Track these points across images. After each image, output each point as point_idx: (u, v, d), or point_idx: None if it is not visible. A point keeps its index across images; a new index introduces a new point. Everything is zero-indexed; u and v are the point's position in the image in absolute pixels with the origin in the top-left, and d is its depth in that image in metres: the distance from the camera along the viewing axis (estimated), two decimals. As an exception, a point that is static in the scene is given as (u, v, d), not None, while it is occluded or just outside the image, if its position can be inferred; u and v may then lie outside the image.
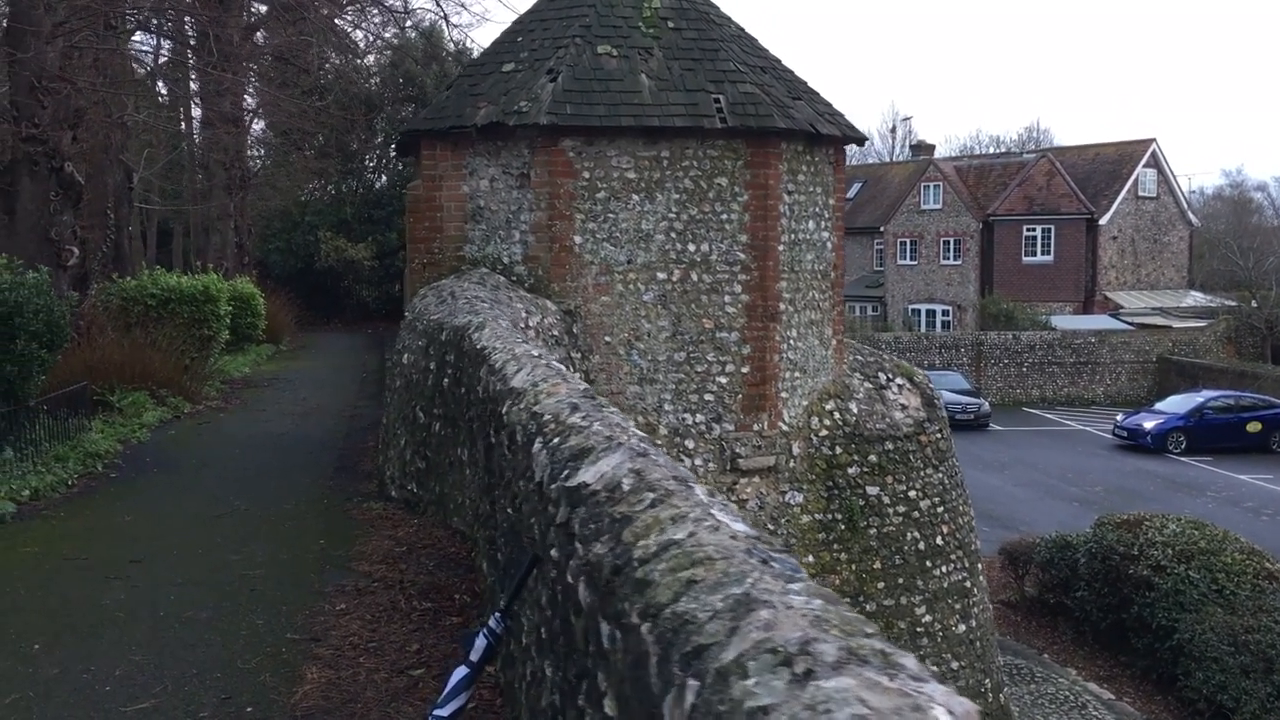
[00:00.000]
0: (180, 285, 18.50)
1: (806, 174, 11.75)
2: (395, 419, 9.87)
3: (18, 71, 14.71)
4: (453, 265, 11.39)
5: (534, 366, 5.12)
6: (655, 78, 11.27)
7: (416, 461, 9.22)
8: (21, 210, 15.07)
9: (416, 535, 8.27)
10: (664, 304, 11.27)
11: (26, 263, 12.64)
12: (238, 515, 9.29)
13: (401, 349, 10.11)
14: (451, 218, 11.38)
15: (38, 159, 14.95)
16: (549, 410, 3.88)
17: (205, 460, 11.93)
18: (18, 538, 8.55)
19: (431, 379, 8.97)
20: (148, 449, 12.64)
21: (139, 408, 14.38)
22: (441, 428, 8.68)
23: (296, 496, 10.05)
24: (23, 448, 10.42)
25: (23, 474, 10.01)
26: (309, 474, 11.15)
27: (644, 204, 11.13)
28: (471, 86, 11.52)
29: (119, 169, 22.26)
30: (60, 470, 10.55)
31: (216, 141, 27.50)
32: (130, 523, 9.04)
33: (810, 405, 12.00)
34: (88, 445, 11.54)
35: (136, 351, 15.75)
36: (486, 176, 11.29)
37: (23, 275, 10.79)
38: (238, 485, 10.57)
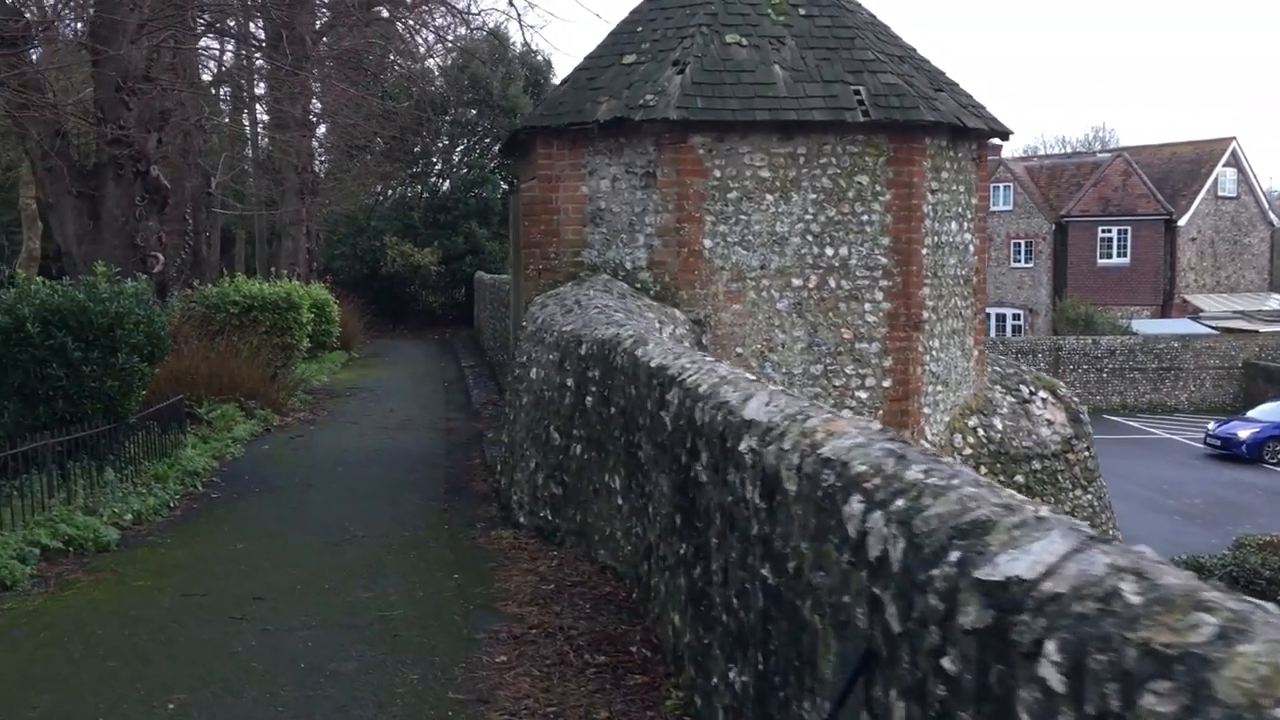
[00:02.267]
0: (263, 292, 17.94)
1: (950, 171, 10.87)
2: (523, 438, 9.13)
3: (102, 72, 14.19)
4: (570, 272, 10.64)
5: (770, 394, 4.32)
6: (789, 68, 10.45)
7: (550, 486, 8.46)
8: (107, 215, 14.56)
9: (561, 570, 7.49)
10: (800, 313, 10.44)
11: (113, 270, 12.08)
12: (357, 543, 8.58)
13: (527, 362, 9.36)
14: (569, 220, 10.63)
15: (123, 162, 14.43)
16: (865, 461, 3.08)
17: (307, 478, 11.26)
18: (127, 569, 7.89)
19: (569, 397, 8.21)
20: (244, 465, 12.01)
21: (228, 421, 13.79)
22: (583, 451, 7.91)
23: (414, 521, 9.33)
24: (122, 467, 9.79)
25: (124, 496, 9.38)
26: (420, 494, 10.44)
27: (778, 205, 10.32)
28: (590, 80, 10.76)
29: (197, 173, 21.82)
30: (161, 491, 9.92)
31: (289, 145, 27.04)
32: (243, 552, 8.36)
33: (952, 421, 11.12)
34: (185, 463, 10.92)
35: (223, 362, 15.18)
36: (607, 176, 10.53)
37: (121, 284, 10.18)
38: (348, 507, 9.88)
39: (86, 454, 9.29)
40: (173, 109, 17.03)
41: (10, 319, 9.15)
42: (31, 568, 7.71)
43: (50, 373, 9.27)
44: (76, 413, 9.45)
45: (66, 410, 9.41)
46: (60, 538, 8.18)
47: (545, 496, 8.54)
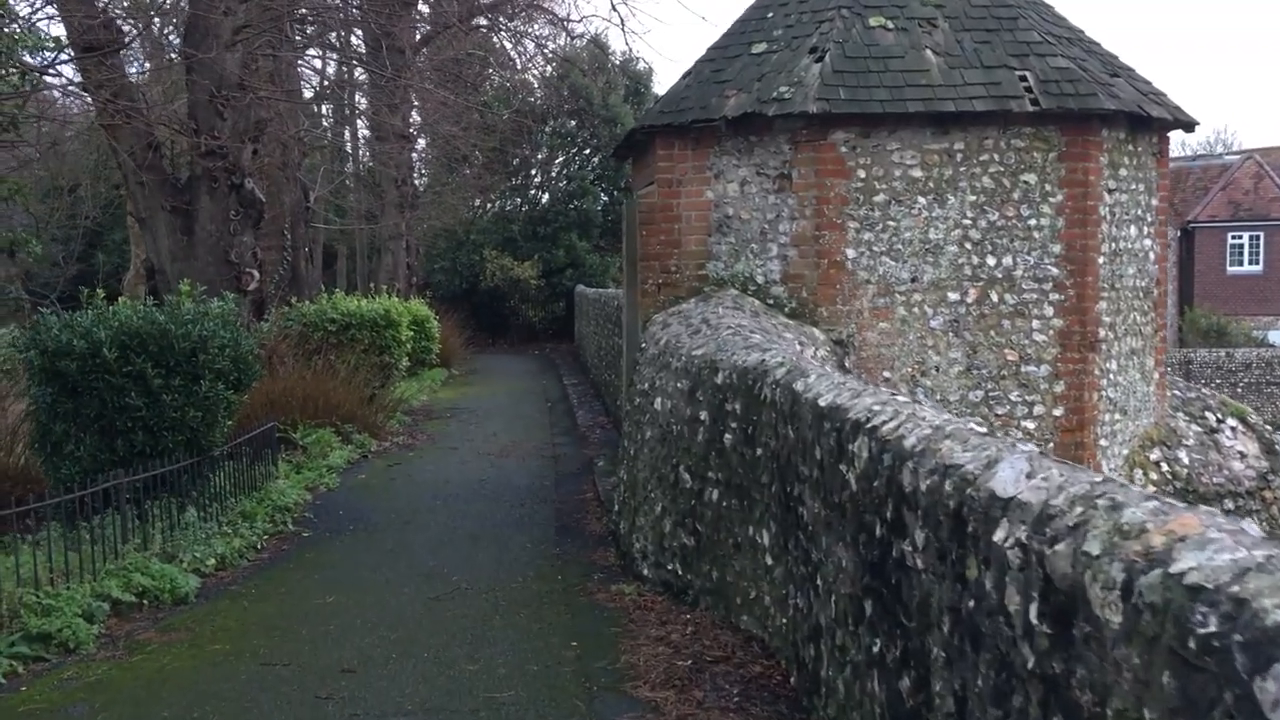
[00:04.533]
0: (361, 309, 17.21)
1: (1129, 168, 9.48)
2: (646, 477, 8.01)
3: (196, 79, 13.53)
4: (693, 286, 9.52)
5: (1028, 458, 3.14)
6: (943, 53, 9.19)
7: (680, 535, 7.33)
8: (200, 231, 13.89)
9: (698, 640, 6.35)
10: (956, 331, 9.15)
11: (206, 288, 11.33)
12: (460, 598, 7.55)
13: (649, 390, 8.25)
14: (692, 229, 9.51)
15: (217, 174, 13.75)
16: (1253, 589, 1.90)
17: (405, 515, 10.31)
18: (203, 628, 6.97)
19: (703, 433, 7.07)
20: (339, 498, 11.12)
21: (324, 446, 12.97)
22: (721, 497, 6.76)
23: (522, 569, 8.28)
24: (206, 504, 8.94)
25: (207, 537, 8.51)
26: (527, 535, 9.41)
27: (932, 208, 9.05)
28: (715, 73, 9.64)
29: (296, 186, 21.28)
30: (248, 531, 9.05)
31: (388, 157, 26.49)
32: (334, 607, 7.38)
33: (1132, 455, 9.70)
34: (275, 497, 10.06)
35: (319, 383, 14.41)
36: (736, 179, 9.39)
37: (206, 304, 9.36)
38: (449, 551, 8.88)
39: (167, 491, 8.45)
40: (269, 119, 16.39)
41: (86, 344, 8.36)
42: (99, 626, 6.85)
43: (129, 402, 8.45)
44: (157, 446, 8.62)
45: (146, 443, 8.59)
46: (133, 589, 7.31)
47: (674, 547, 7.41)
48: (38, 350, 8.46)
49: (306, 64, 26.61)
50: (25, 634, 6.41)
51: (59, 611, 6.62)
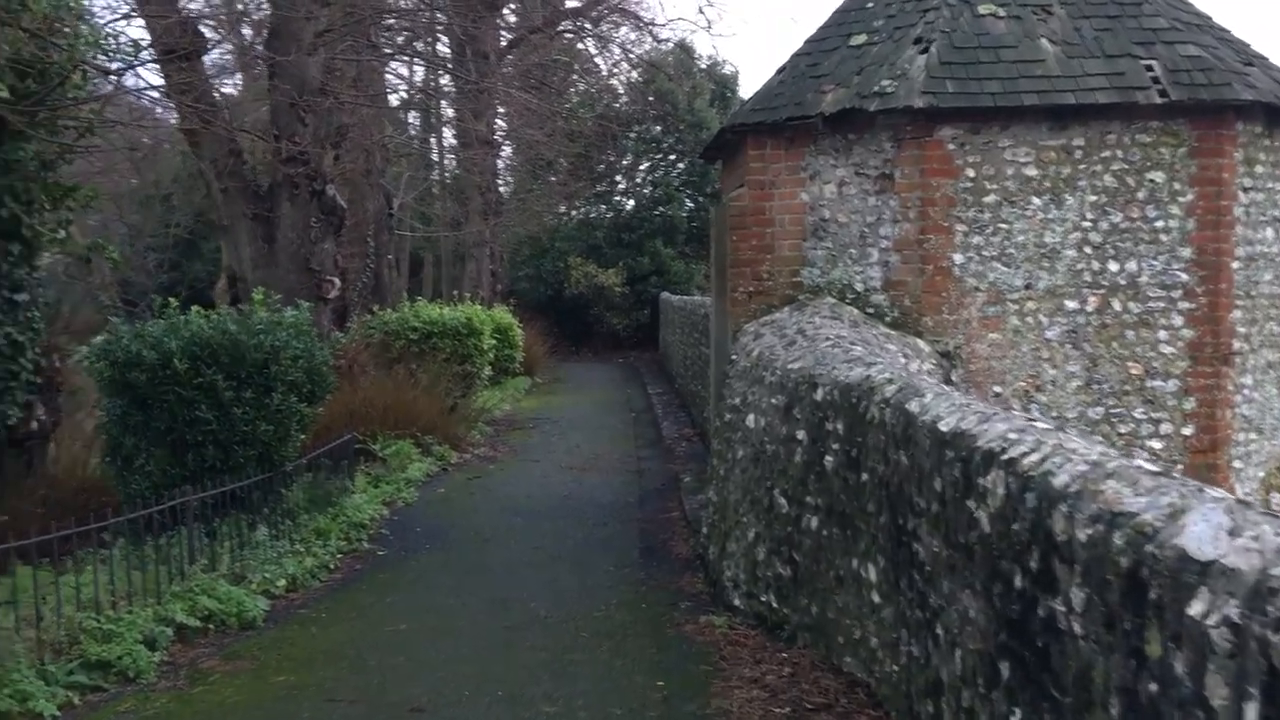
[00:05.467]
0: (443, 317, 16.93)
1: (1265, 164, 8.67)
2: (738, 500, 7.46)
3: (278, 84, 13.35)
4: (786, 294, 8.94)
5: (1226, 508, 2.55)
6: (1060, 42, 8.49)
7: (775, 564, 6.77)
8: (282, 238, 13.71)
9: (796, 683, 5.78)
10: (1074, 342, 8.43)
11: (285, 296, 11.08)
12: (538, 627, 7.08)
13: (740, 405, 7.70)
14: (786, 234, 8.94)
15: (298, 181, 13.56)
16: None
17: (483, 533, 9.89)
18: (269, 656, 6.60)
19: (800, 454, 6.50)
20: (416, 514, 10.76)
21: (404, 459, 12.65)
22: (821, 525, 6.19)
23: (606, 595, 7.79)
24: (278, 521, 8.62)
25: (278, 556, 8.17)
26: (610, 558, 8.91)
27: (1048, 209, 8.36)
28: (811, 67, 9.06)
29: (379, 193, 21.14)
30: (321, 550, 8.70)
31: (473, 164, 26.32)
32: (406, 636, 6.96)
33: (1268, 477, 8.87)
34: (351, 513, 9.71)
35: (400, 393, 14.12)
36: (833, 180, 8.80)
37: (280, 313, 9.05)
38: (528, 574, 8.43)
39: (237, 508, 8.13)
40: (351, 125, 16.21)
41: (156, 354, 8.09)
42: (162, 653, 6.51)
43: (199, 415, 8.16)
44: (228, 461, 8.32)
45: (217, 458, 8.29)
46: (198, 613, 6.98)
47: (768, 577, 6.84)
48: (108, 361, 8.22)
49: (393, 72, 26.63)
50: (84, 661, 6.10)
51: (120, 637, 6.30)
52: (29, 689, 5.59)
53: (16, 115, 7.73)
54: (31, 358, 9.41)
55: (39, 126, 8.50)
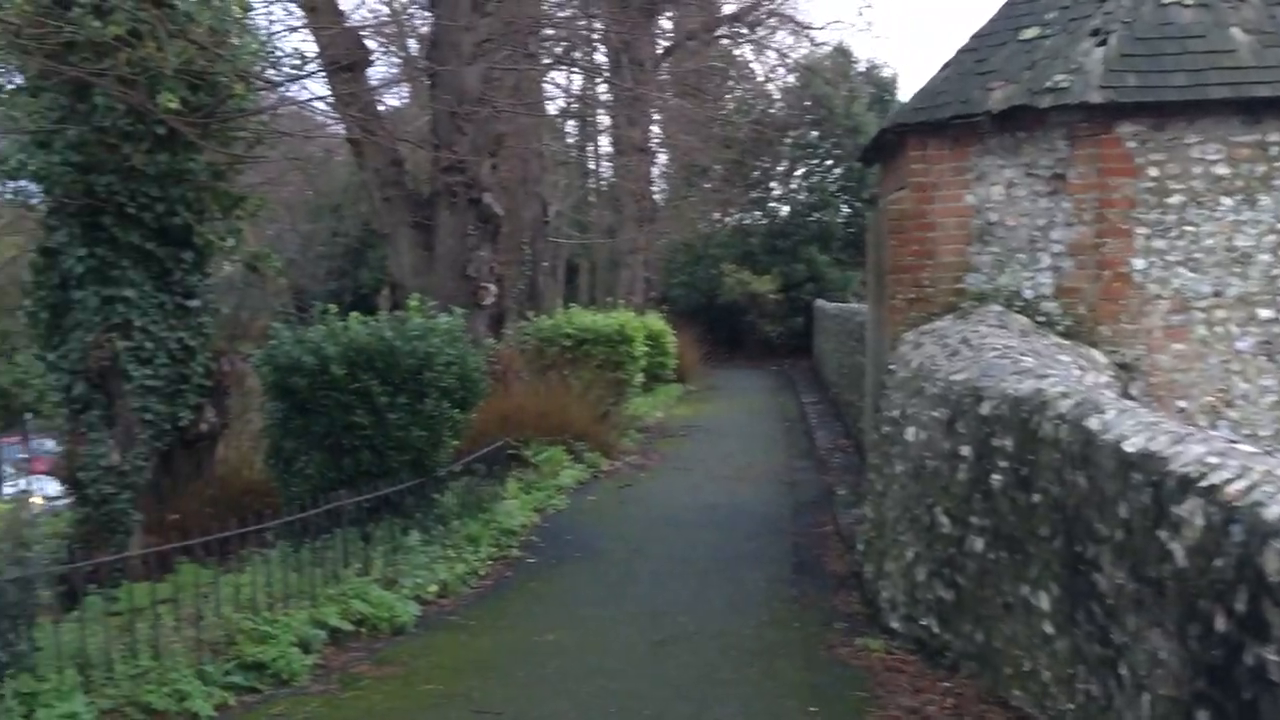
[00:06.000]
0: (596, 324, 16.95)
1: None
2: (896, 517, 7.12)
3: (438, 94, 13.58)
4: (949, 302, 8.53)
5: None
6: (1254, 31, 7.86)
7: (937, 587, 6.41)
8: (440, 245, 13.93)
9: (958, 715, 5.44)
10: (1269, 354, 7.77)
11: (443, 302, 11.20)
12: (687, 642, 6.88)
13: (899, 418, 7.36)
14: (949, 238, 8.53)
15: (456, 189, 13.75)
16: None
17: (633, 543, 9.77)
18: (418, 663, 6.59)
19: (964, 471, 6.14)
20: (566, 521, 10.73)
21: (555, 465, 12.66)
22: (988, 548, 5.81)
23: (756, 612, 7.54)
24: (430, 526, 8.67)
25: (430, 561, 8.21)
26: (761, 572, 8.66)
27: (1240, 211, 7.73)
28: (978, 63, 8.64)
29: (536, 201, 21.38)
30: (472, 556, 8.72)
31: (628, 171, 26.41)
32: (554, 646, 6.87)
33: None
34: (503, 519, 9.74)
35: (553, 399, 14.17)
36: (1000, 181, 8.35)
37: (434, 319, 9.12)
38: (677, 586, 8.25)
39: (390, 512, 8.21)
40: (509, 134, 16.39)
41: (316, 360, 8.24)
42: (315, 656, 6.57)
43: (355, 420, 8.27)
44: (382, 465, 8.41)
45: (372, 463, 8.39)
46: (351, 617, 7.05)
47: (928, 600, 6.49)
48: (271, 366, 8.42)
49: (551, 81, 26.97)
50: (240, 662, 6.20)
51: (275, 639, 6.39)
52: (187, 688, 5.69)
53: (188, 126, 7.98)
54: (202, 361, 9.73)
55: (210, 137, 8.78)
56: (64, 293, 9.08)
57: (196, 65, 7.61)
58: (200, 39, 7.49)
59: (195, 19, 7.40)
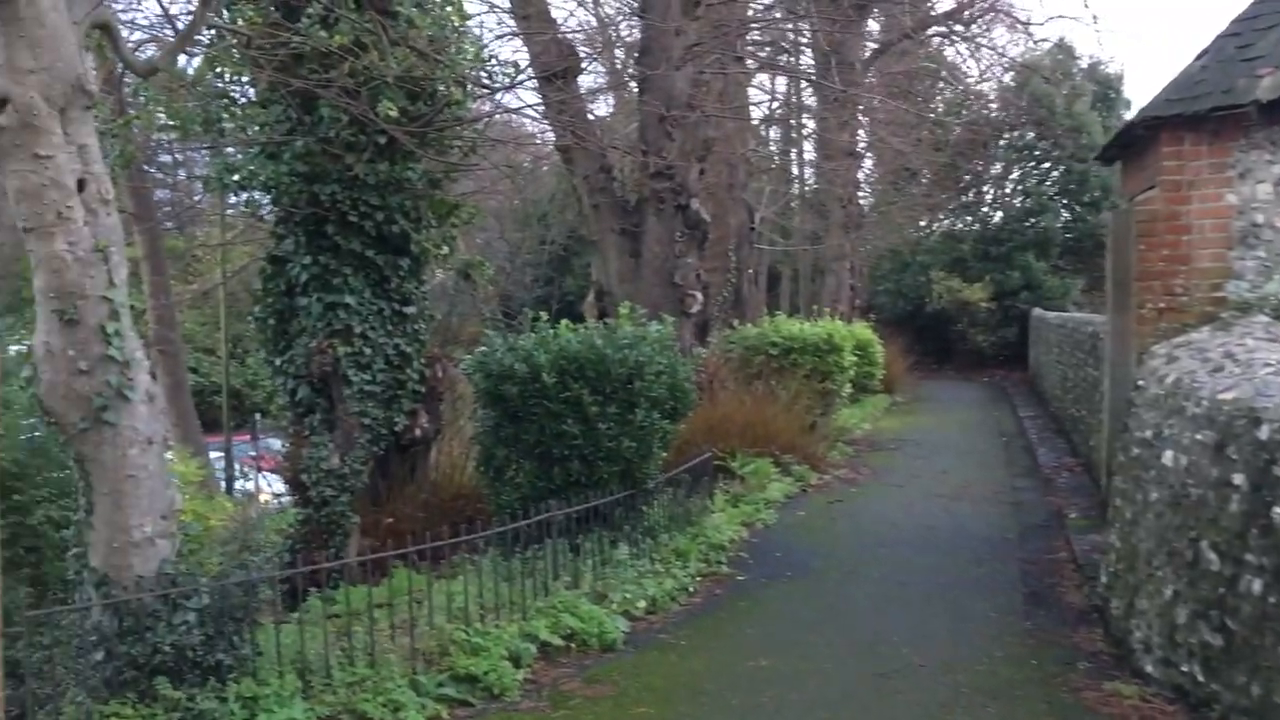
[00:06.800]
0: (803, 333, 16.50)
1: None
2: (1151, 549, 6.45)
3: (647, 100, 13.47)
4: (1205, 311, 7.76)
5: None
6: None
7: (1202, 630, 5.73)
8: (647, 252, 13.81)
9: (1235, 780, 4.79)
10: None
11: (650, 310, 11.04)
12: (911, 677, 6.42)
13: (1153, 439, 6.67)
14: (1206, 242, 7.76)
15: (664, 196, 13.60)
16: None
17: (846, 563, 9.32)
18: (629, 683, 6.37)
19: (1236, 502, 5.46)
20: (775, 537, 10.35)
21: (762, 478, 12.31)
22: (1267, 590, 5.13)
23: (985, 645, 6.99)
24: (639, 540, 8.48)
25: (638, 576, 8.01)
26: (988, 601, 8.06)
27: None
28: (1241, 49, 7.82)
29: (741, 207, 21.09)
30: (680, 571, 8.47)
31: (834, 176, 25.79)
32: (767, 672, 6.53)
33: None
34: (710, 534, 9.45)
35: (759, 409, 13.83)
36: (1268, 178, 7.53)
37: (644, 327, 8.93)
38: (897, 613, 7.76)
39: (599, 525, 8.05)
40: (717, 139, 16.16)
41: (527, 368, 8.17)
42: (525, 670, 6.45)
43: (565, 429, 8.16)
44: (592, 476, 8.27)
45: (582, 473, 8.26)
46: (561, 632, 6.89)
47: (1191, 644, 5.82)
48: (483, 373, 8.41)
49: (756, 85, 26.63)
50: (453, 674, 6.12)
51: (486, 652, 6.29)
52: (401, 699, 5.65)
53: (407, 135, 8.05)
54: (417, 367, 9.85)
55: (427, 146, 8.86)
56: (290, 299, 9.35)
57: (416, 73, 7.67)
58: (420, 46, 7.54)
59: (416, 25, 7.46)
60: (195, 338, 31.11)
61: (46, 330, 5.09)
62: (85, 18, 5.17)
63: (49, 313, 5.06)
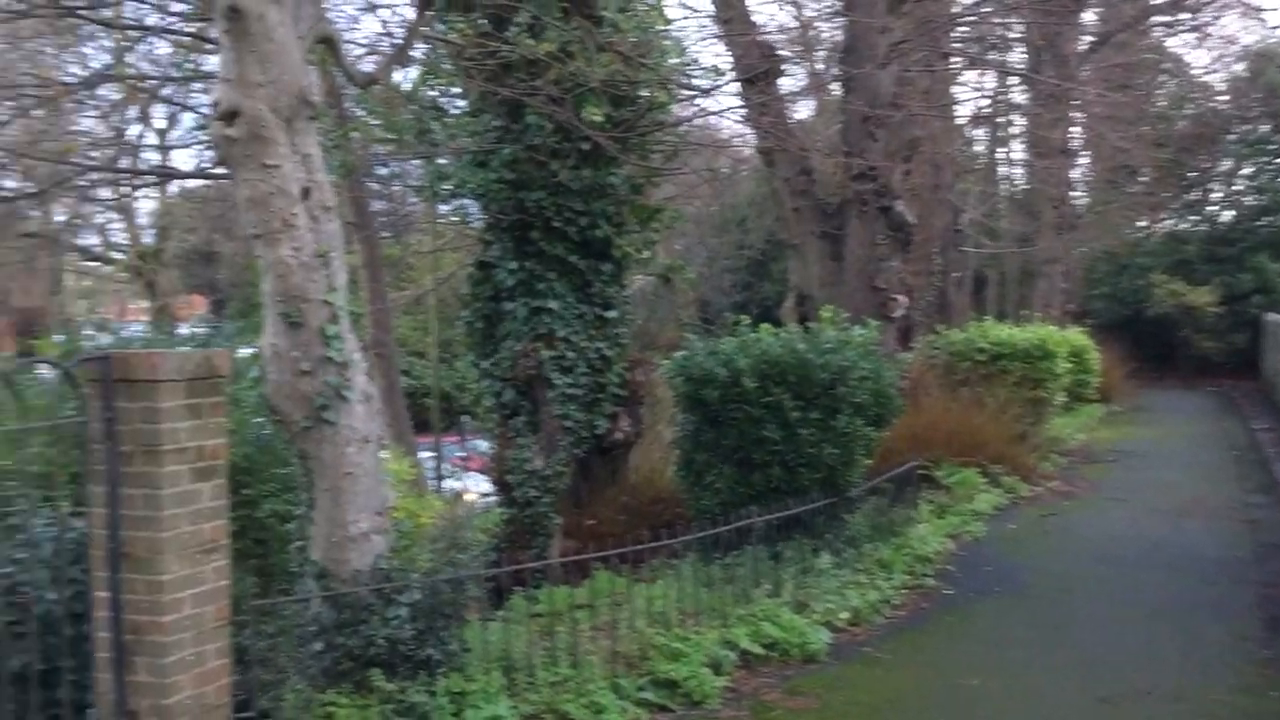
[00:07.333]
0: (1012, 338, 15.82)
1: None
2: None
3: (850, 100, 13.22)
4: None
5: None
6: None
7: None
8: (849, 256, 13.57)
9: None
10: None
11: (851, 314, 10.81)
12: (1138, 703, 6.02)
13: None
14: None
15: (866, 198, 13.31)
16: None
17: (1062, 580, 8.85)
18: (833, 697, 6.21)
19: None
20: (984, 551, 9.95)
21: (969, 489, 11.86)
22: None
23: (1219, 672, 6.50)
24: (841, 549, 8.29)
25: (840, 587, 7.82)
26: (1222, 625, 7.50)
27: None
28: None
29: (947, 209, 20.45)
30: (884, 583, 8.23)
31: (1046, 176, 24.70)
32: (977, 692, 6.24)
33: None
34: (916, 545, 9.16)
35: (965, 418, 13.33)
36: None
37: (848, 332, 8.74)
38: (1120, 634, 7.30)
39: (800, 532, 7.91)
40: (921, 139, 15.71)
41: (727, 372, 8.11)
42: (725, 678, 6.38)
43: (765, 435, 8.05)
44: (792, 483, 8.13)
45: (782, 480, 8.13)
46: (762, 640, 6.79)
47: None
48: (684, 377, 8.40)
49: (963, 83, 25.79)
50: (653, 678, 6.11)
51: (686, 658, 6.25)
52: (603, 700, 5.66)
53: (610, 140, 8.13)
54: (618, 371, 9.96)
55: (630, 151, 8.93)
56: (496, 304, 9.60)
57: (620, 78, 7.74)
58: (625, 51, 7.61)
59: (621, 30, 7.53)
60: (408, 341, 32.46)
61: (273, 332, 5.35)
62: (309, 32, 5.41)
63: (275, 316, 5.31)
